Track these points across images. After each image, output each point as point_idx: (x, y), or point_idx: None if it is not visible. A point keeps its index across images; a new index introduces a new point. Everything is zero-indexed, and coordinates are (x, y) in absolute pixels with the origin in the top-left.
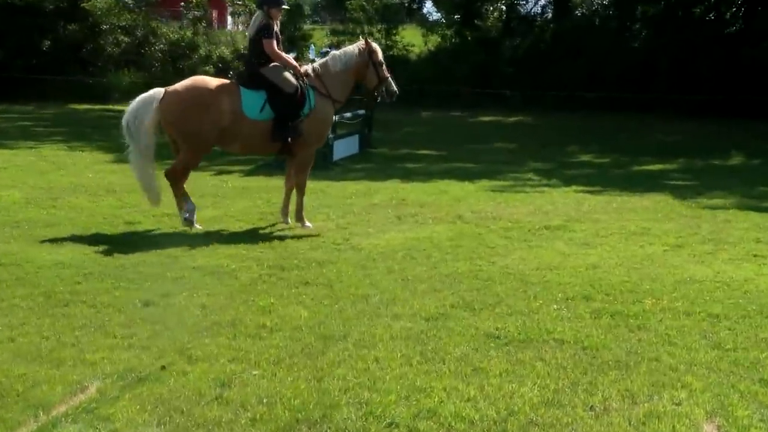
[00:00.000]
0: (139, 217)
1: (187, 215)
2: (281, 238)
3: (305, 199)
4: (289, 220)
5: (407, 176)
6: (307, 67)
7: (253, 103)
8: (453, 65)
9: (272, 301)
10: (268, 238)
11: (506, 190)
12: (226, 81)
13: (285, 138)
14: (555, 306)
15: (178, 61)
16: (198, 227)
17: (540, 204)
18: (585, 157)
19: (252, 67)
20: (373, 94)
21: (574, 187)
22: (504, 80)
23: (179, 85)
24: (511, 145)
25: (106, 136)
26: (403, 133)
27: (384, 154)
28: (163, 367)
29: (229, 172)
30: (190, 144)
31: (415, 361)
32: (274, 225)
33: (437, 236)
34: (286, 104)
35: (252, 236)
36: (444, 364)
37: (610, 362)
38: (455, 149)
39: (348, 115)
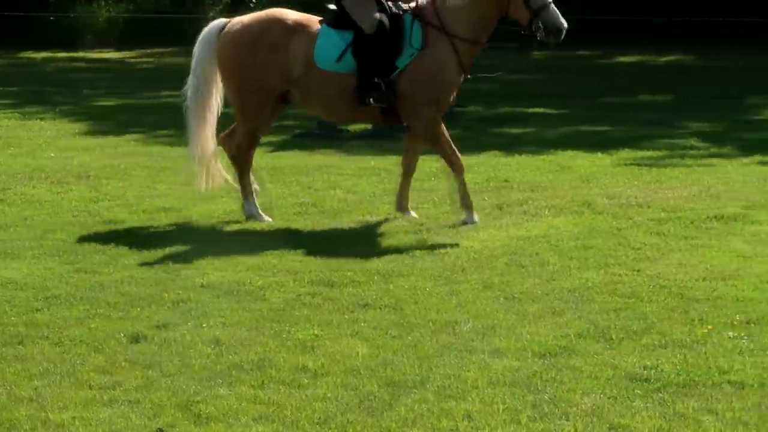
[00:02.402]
0: (124, 214)
1: (249, 210)
2: (328, 241)
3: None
4: (412, 212)
5: (511, 146)
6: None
7: (330, 47)
8: None
9: (316, 332)
10: (310, 240)
11: (657, 164)
12: (311, 17)
13: (367, 100)
14: (731, 333)
15: None
16: (267, 219)
17: (708, 183)
18: None
19: None
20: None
21: (758, 157)
22: (652, 1)
23: (246, 17)
24: (664, 98)
25: (74, 98)
26: (503, 83)
27: (476, 113)
28: (159, 430)
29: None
30: (245, 103)
31: (524, 417)
32: (318, 222)
33: (556, 233)
34: (368, 50)
35: (286, 239)
36: (568, 420)
37: None
38: (581, 105)
39: None
